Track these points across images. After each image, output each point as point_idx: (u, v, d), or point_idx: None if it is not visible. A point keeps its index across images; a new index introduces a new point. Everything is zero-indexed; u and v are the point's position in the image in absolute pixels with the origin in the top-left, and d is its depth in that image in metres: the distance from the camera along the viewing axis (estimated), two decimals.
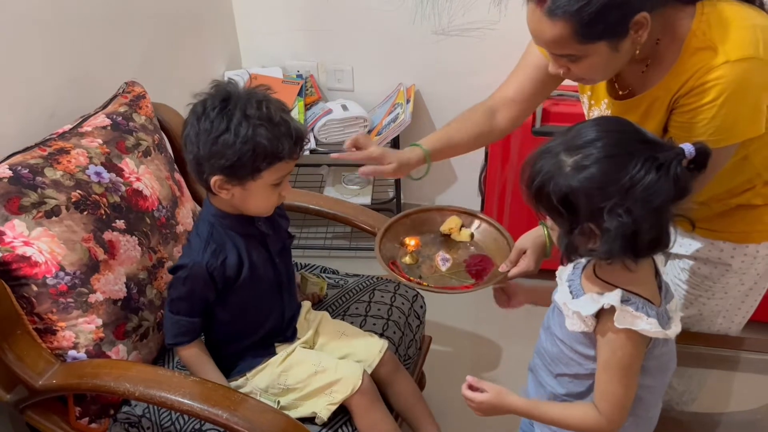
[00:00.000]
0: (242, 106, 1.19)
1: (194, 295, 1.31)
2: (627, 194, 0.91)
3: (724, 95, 1.07)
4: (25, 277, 1.26)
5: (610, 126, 0.97)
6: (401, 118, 2.29)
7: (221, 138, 1.18)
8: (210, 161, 1.21)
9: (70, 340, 1.32)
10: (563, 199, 0.95)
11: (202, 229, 1.32)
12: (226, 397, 1.21)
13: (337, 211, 1.74)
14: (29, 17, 1.50)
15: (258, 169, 1.21)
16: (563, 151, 0.96)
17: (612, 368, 1.01)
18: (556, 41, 1.08)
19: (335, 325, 1.54)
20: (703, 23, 1.09)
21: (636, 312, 0.98)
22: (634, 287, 1.00)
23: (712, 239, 1.32)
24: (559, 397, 1.12)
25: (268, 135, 1.18)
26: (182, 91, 2.16)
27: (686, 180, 0.92)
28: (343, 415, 1.38)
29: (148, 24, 1.95)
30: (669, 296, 1.07)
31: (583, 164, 0.93)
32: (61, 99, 1.60)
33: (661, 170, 0.90)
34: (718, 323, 1.42)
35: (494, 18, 2.27)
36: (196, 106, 1.23)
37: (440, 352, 2.10)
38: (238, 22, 2.51)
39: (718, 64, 1.06)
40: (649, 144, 0.94)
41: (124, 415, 1.39)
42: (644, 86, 1.19)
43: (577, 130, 0.98)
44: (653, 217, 0.92)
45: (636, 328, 0.97)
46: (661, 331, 0.99)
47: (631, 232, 0.92)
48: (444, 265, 1.39)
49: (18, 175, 1.28)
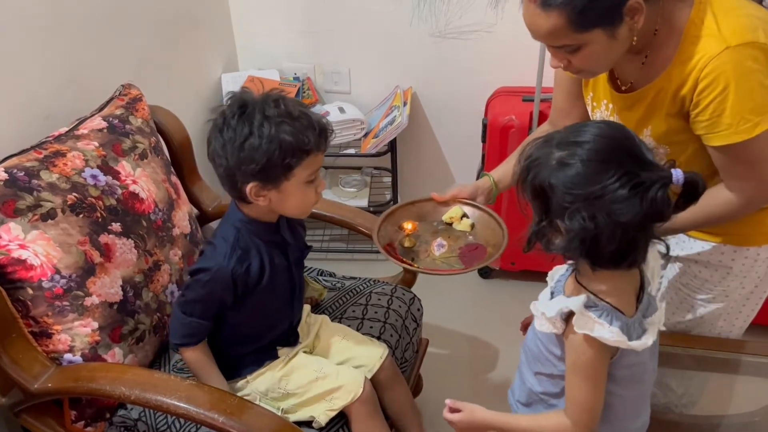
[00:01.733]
0: (260, 107, 1.19)
1: (212, 298, 1.30)
2: (594, 202, 0.91)
3: (733, 82, 1.07)
4: (20, 281, 1.26)
5: (608, 132, 0.97)
6: (398, 120, 2.29)
7: (247, 143, 1.18)
8: (241, 169, 1.20)
9: (66, 343, 1.31)
10: (540, 189, 0.96)
11: (228, 233, 1.30)
12: (222, 400, 1.20)
13: (334, 213, 1.74)
14: (25, 19, 1.49)
15: (289, 166, 1.20)
16: (556, 144, 0.96)
17: (576, 373, 1.02)
18: (552, 33, 1.08)
19: (336, 329, 1.53)
20: (701, 12, 1.10)
21: (598, 318, 0.97)
22: (606, 295, 0.99)
23: (712, 242, 1.32)
24: (536, 395, 1.14)
25: (291, 130, 1.18)
26: (179, 93, 2.17)
27: (663, 206, 0.91)
28: (340, 419, 1.38)
29: (144, 26, 1.95)
30: (651, 310, 1.06)
31: (566, 162, 0.94)
32: (57, 101, 1.59)
33: (637, 189, 0.90)
34: (719, 326, 1.42)
35: (491, 20, 2.27)
36: (216, 120, 1.23)
37: (437, 355, 2.10)
38: (235, 24, 2.50)
39: (719, 51, 1.07)
40: (639, 160, 0.93)
41: (119, 419, 1.39)
42: (645, 79, 1.19)
43: (578, 127, 0.98)
44: (618, 231, 0.91)
45: (593, 334, 0.97)
46: (621, 341, 0.98)
47: (591, 239, 0.92)
48: (438, 250, 1.42)
49: (14, 178, 1.27)
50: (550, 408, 1.13)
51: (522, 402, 1.19)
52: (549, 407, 1.13)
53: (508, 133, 2.20)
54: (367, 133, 2.42)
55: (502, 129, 2.20)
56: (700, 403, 1.57)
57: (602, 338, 0.97)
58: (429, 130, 2.57)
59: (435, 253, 1.42)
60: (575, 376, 1.03)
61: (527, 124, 2.17)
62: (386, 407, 1.48)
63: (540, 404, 1.15)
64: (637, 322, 1.02)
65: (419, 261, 1.41)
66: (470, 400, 1.19)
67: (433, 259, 1.41)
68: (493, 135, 2.23)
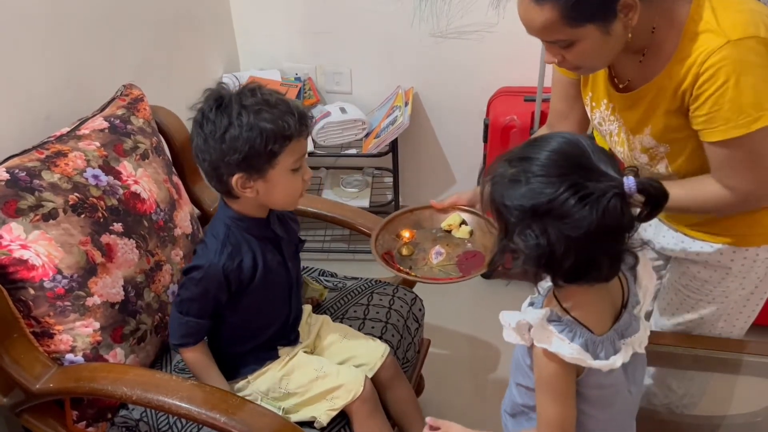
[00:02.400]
0: (237, 98, 1.21)
1: (207, 296, 1.30)
2: (543, 216, 0.89)
3: (734, 76, 1.06)
4: (22, 281, 1.26)
5: (561, 146, 0.93)
6: (400, 120, 2.29)
7: (227, 134, 1.19)
8: (224, 161, 1.21)
9: (68, 343, 1.31)
10: (497, 209, 0.95)
11: (218, 230, 1.31)
12: (223, 400, 1.20)
13: (335, 213, 1.74)
14: (26, 19, 1.50)
15: (273, 153, 1.21)
16: (509, 161, 0.95)
17: (541, 388, 1.00)
18: (545, 27, 1.08)
19: (337, 329, 1.53)
20: (700, 8, 1.10)
21: (559, 333, 0.94)
22: (575, 310, 0.96)
23: (711, 242, 1.31)
24: (518, 406, 1.12)
25: (270, 117, 1.19)
26: (180, 94, 2.17)
27: (618, 216, 0.88)
28: (341, 419, 1.38)
29: (146, 27, 1.95)
30: (631, 330, 1.01)
31: (516, 179, 0.92)
32: (59, 102, 1.60)
33: (586, 200, 0.87)
34: (719, 327, 1.41)
35: (492, 20, 2.27)
36: (196, 116, 1.24)
37: (439, 355, 2.10)
38: (236, 24, 2.51)
39: (719, 46, 1.06)
40: (588, 171, 0.89)
41: (121, 419, 1.39)
42: (644, 77, 1.19)
43: (534, 142, 0.96)
44: (572, 245, 0.88)
45: (551, 348, 0.94)
46: (580, 359, 0.94)
47: (546, 255, 0.90)
48: (436, 258, 1.42)
49: (15, 178, 1.27)
50: (530, 421, 1.09)
51: (508, 412, 1.17)
52: (530, 420, 1.10)
53: (509, 133, 2.20)
54: (368, 133, 2.42)
55: (504, 129, 2.21)
56: (701, 403, 1.57)
57: (559, 354, 0.94)
58: (430, 131, 2.57)
59: (433, 261, 1.42)
60: (540, 391, 1.00)
61: (529, 124, 2.17)
62: (388, 406, 1.48)
63: (522, 416, 1.12)
64: (609, 341, 0.97)
65: (417, 269, 1.40)
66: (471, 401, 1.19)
67: (431, 267, 1.41)
68: (495, 135, 2.23)
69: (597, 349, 0.96)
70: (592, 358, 0.95)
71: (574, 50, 1.11)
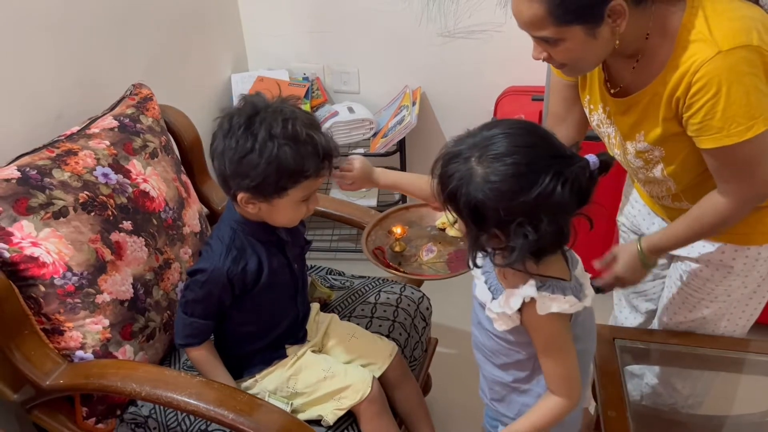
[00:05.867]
0: (267, 124, 1.17)
1: (211, 298, 1.31)
2: (533, 211, 0.93)
3: (725, 86, 1.06)
4: (32, 278, 1.27)
5: (520, 140, 0.96)
6: (407, 120, 2.30)
7: (246, 158, 1.17)
8: (235, 180, 1.20)
9: (78, 340, 1.32)
10: (473, 209, 0.96)
11: (224, 233, 1.31)
12: (232, 397, 1.21)
13: (343, 212, 1.74)
14: (37, 19, 1.51)
15: (283, 188, 1.20)
16: (475, 159, 0.96)
17: (550, 352, 1.06)
18: (532, 22, 1.09)
19: (345, 328, 1.54)
20: (693, 16, 1.09)
21: (553, 295, 1.00)
22: (545, 270, 1.02)
23: (713, 241, 1.31)
24: (508, 386, 1.15)
25: (293, 154, 1.17)
26: (189, 93, 2.19)
27: (589, 189, 0.96)
28: (348, 418, 1.38)
29: (155, 26, 1.96)
30: (574, 263, 1.09)
31: (492, 179, 0.94)
32: (69, 101, 1.61)
33: (566, 185, 0.93)
34: (722, 326, 1.42)
35: (500, 20, 2.27)
36: (223, 122, 1.21)
37: (446, 354, 2.10)
38: (245, 24, 2.52)
39: (711, 56, 1.06)
40: (557, 158, 0.95)
41: (130, 416, 1.40)
42: (637, 83, 1.19)
43: (487, 137, 0.97)
44: (556, 225, 0.94)
45: (558, 310, 1.00)
46: (579, 304, 1.03)
47: (536, 242, 0.94)
48: (427, 255, 1.43)
49: (26, 176, 1.29)
50: (523, 395, 1.14)
51: (495, 399, 1.20)
52: (522, 394, 1.14)
53: None
54: (376, 132, 2.43)
55: None
56: (707, 402, 1.56)
57: (564, 311, 1.01)
58: (438, 130, 2.57)
59: (423, 258, 1.43)
60: (549, 356, 1.06)
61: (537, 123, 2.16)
62: (396, 405, 1.49)
63: (513, 393, 1.16)
64: (575, 282, 1.06)
65: (407, 266, 1.41)
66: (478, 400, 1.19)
67: (420, 264, 1.41)
68: None
69: (577, 291, 1.05)
70: (579, 300, 1.04)
71: (558, 48, 1.12)
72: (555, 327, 1.03)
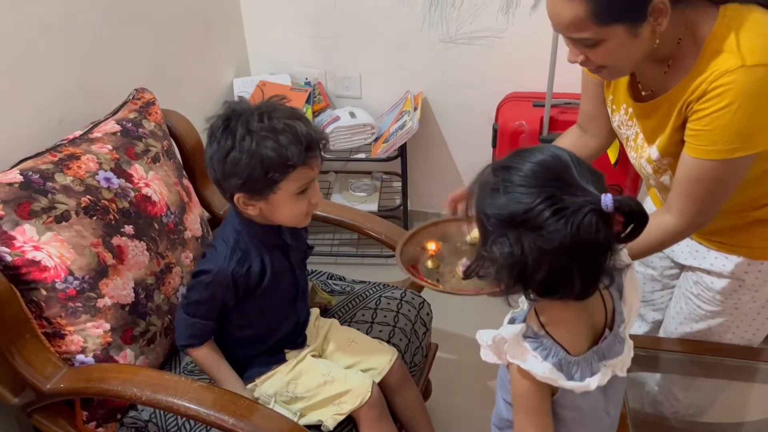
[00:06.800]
0: (244, 121, 1.19)
1: (214, 299, 1.31)
2: (518, 227, 0.87)
3: (738, 101, 1.04)
4: (34, 282, 1.27)
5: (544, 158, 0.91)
6: (409, 125, 2.30)
7: (229, 157, 1.19)
8: (226, 181, 1.21)
9: (78, 344, 1.32)
10: (477, 215, 0.95)
11: (228, 235, 1.31)
12: (232, 402, 1.21)
13: (344, 217, 1.74)
14: (40, 24, 1.51)
15: (273, 181, 1.20)
16: (493, 170, 0.94)
17: (517, 405, 0.98)
18: (573, 23, 1.06)
19: (345, 333, 1.54)
20: (723, 26, 1.08)
21: (533, 350, 0.93)
22: (552, 328, 0.94)
23: (726, 253, 1.30)
24: (504, 421, 1.10)
25: (273, 145, 1.17)
26: (191, 98, 2.19)
27: (592, 232, 0.84)
28: (348, 423, 1.38)
29: (158, 31, 1.97)
30: (613, 352, 0.98)
31: (496, 188, 0.91)
32: (71, 106, 1.61)
33: (561, 213, 0.85)
34: (727, 339, 1.41)
35: (502, 26, 2.28)
36: (209, 129, 1.24)
37: (446, 360, 2.10)
38: (247, 29, 2.52)
39: (733, 68, 1.04)
40: (567, 185, 0.87)
41: (130, 420, 1.40)
42: (665, 88, 1.17)
43: (520, 153, 0.94)
44: (545, 258, 0.86)
45: (524, 365, 0.93)
46: (552, 379, 0.92)
47: (518, 266, 0.88)
48: None
49: (29, 180, 1.29)
50: None
51: (496, 425, 1.16)
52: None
53: (518, 138, 2.20)
54: (377, 137, 2.43)
55: (513, 134, 2.21)
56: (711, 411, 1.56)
57: (532, 372, 0.92)
58: (439, 135, 2.58)
59: (459, 274, 1.37)
60: (516, 410, 0.99)
61: (538, 130, 2.17)
62: (396, 411, 1.49)
63: (509, 430, 1.09)
64: (586, 362, 0.95)
65: (444, 282, 1.36)
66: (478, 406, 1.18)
67: (459, 280, 1.36)
68: (504, 140, 2.23)
69: (572, 369, 0.94)
70: (566, 378, 0.93)
71: (598, 50, 1.09)
72: (523, 384, 0.95)
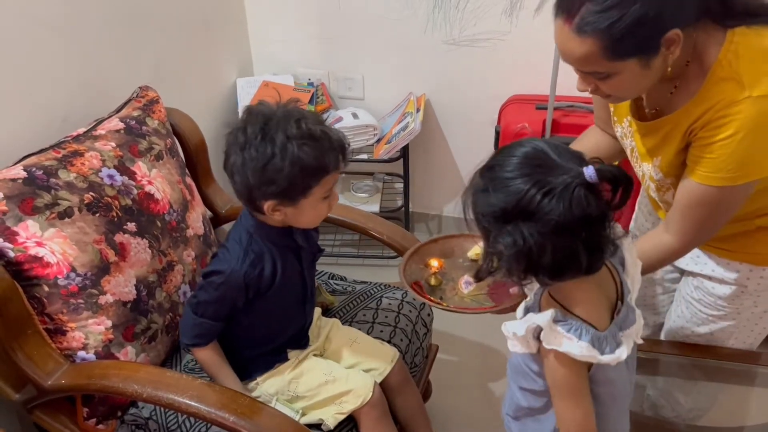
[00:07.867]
0: (282, 128, 1.18)
1: (224, 301, 1.31)
2: (513, 218, 0.91)
3: (743, 131, 1.04)
4: (36, 278, 1.27)
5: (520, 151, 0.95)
6: (411, 126, 2.30)
7: (269, 164, 1.17)
8: (261, 189, 1.20)
9: (80, 340, 1.33)
10: (475, 219, 0.97)
11: (242, 236, 1.31)
12: (233, 400, 1.21)
13: (345, 218, 1.74)
14: (44, 22, 1.52)
15: (309, 186, 1.21)
16: (480, 173, 0.97)
17: (559, 392, 1.01)
18: (585, 59, 1.04)
19: (347, 332, 1.54)
20: (730, 53, 1.06)
21: (567, 333, 0.95)
22: (575, 308, 0.97)
23: (728, 259, 1.30)
24: (523, 409, 1.12)
25: (313, 152, 1.18)
26: (195, 96, 2.20)
27: (583, 205, 0.88)
28: (348, 422, 1.38)
29: (162, 30, 1.97)
30: (629, 322, 1.02)
31: (485, 189, 0.94)
32: (75, 103, 1.62)
33: (551, 194, 0.88)
34: (729, 344, 1.41)
35: (505, 28, 2.28)
36: (237, 136, 1.21)
37: (447, 361, 2.10)
38: (251, 29, 2.53)
39: (740, 99, 1.03)
40: (548, 167, 0.91)
41: (131, 417, 1.40)
42: (670, 108, 1.16)
43: (498, 151, 0.98)
44: (548, 240, 0.90)
45: (561, 349, 0.95)
46: (591, 356, 0.95)
47: (524, 255, 0.91)
48: (466, 287, 1.39)
49: (32, 176, 1.29)
50: (537, 422, 1.10)
51: (511, 415, 1.17)
52: (536, 421, 1.11)
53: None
54: (379, 138, 2.43)
55: (515, 136, 2.21)
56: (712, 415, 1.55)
57: (571, 353, 0.95)
58: (441, 137, 2.58)
59: (463, 291, 1.38)
60: (557, 396, 1.01)
61: (540, 132, 2.17)
62: (396, 411, 1.49)
63: (528, 417, 1.13)
64: (611, 336, 0.98)
65: (447, 299, 1.36)
66: (479, 407, 1.18)
67: (462, 297, 1.37)
68: (506, 142, 2.21)
69: (602, 344, 0.97)
70: (600, 353, 0.96)
71: (609, 82, 1.08)
72: (562, 368, 0.97)
